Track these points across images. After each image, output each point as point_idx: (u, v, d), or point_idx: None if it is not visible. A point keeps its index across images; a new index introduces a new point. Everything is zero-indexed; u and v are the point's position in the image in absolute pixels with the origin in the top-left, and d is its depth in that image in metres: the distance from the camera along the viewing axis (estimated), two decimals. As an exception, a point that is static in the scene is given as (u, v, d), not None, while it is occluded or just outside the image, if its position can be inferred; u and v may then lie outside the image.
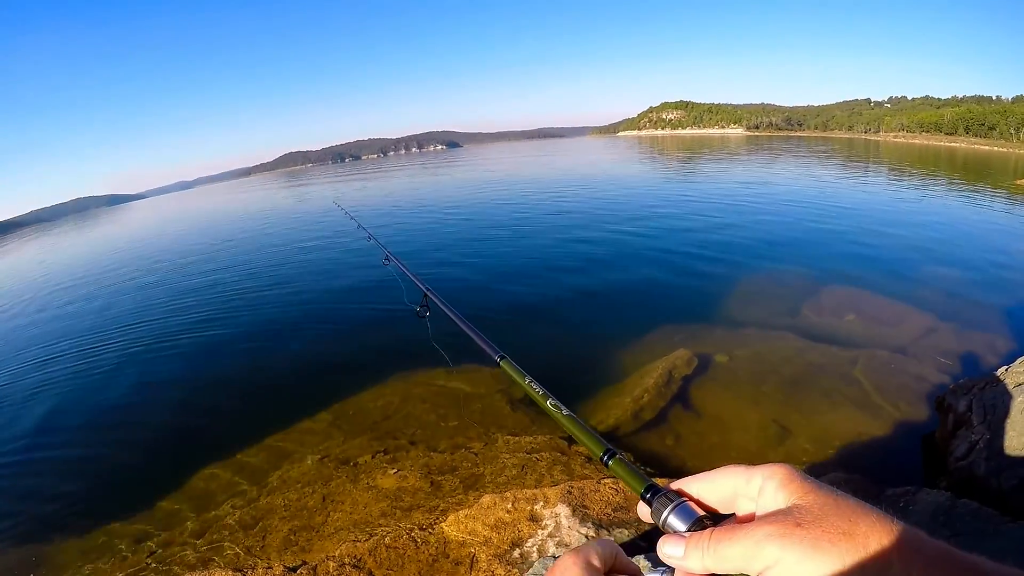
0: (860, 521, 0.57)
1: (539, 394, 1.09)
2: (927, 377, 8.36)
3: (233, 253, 25.85)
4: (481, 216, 27.57)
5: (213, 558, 5.73)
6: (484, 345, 1.39)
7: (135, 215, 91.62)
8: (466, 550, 4.32)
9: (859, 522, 0.57)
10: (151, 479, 7.93)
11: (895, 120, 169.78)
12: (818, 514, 0.58)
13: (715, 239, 18.29)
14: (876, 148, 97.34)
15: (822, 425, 7.40)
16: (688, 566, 0.67)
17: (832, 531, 0.56)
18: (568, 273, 15.70)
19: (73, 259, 37.73)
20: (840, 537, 0.56)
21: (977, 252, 15.78)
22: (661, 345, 10.02)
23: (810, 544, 0.56)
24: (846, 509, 0.58)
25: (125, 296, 20.17)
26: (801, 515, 0.59)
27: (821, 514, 0.58)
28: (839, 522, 0.57)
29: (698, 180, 40.55)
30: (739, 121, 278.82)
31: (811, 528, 0.57)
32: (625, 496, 4.66)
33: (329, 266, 19.77)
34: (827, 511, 0.59)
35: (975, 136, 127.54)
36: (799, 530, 0.58)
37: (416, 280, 2.51)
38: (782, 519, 0.60)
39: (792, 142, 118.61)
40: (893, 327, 10.34)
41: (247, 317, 14.96)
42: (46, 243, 68.43)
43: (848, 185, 34.20)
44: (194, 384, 11.14)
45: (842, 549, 0.55)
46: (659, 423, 7.77)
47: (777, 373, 8.79)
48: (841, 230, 19.26)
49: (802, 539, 0.57)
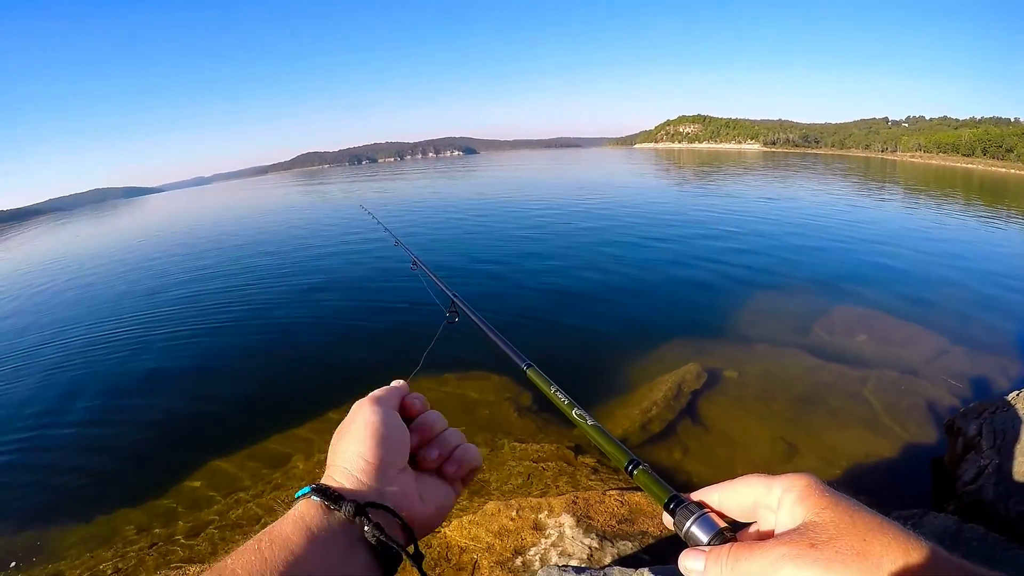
0: (875, 540, 0.57)
1: (565, 403, 1.10)
2: (937, 399, 8.29)
3: (261, 249, 25.91)
4: (498, 222, 27.57)
5: (214, 552, 5.75)
6: (511, 353, 1.39)
7: (159, 207, 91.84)
8: (468, 556, 4.31)
9: (874, 541, 0.57)
10: (158, 468, 7.98)
11: (912, 140, 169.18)
12: (833, 533, 0.59)
13: (730, 253, 18.19)
14: (892, 167, 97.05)
15: (830, 444, 7.36)
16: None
17: (845, 551, 0.57)
18: (577, 281, 15.67)
19: (100, 245, 38.06)
20: (853, 557, 0.56)
21: (992, 275, 15.64)
22: (671, 358, 9.98)
23: (823, 566, 0.56)
24: (862, 527, 0.59)
25: (147, 283, 20.52)
26: (816, 534, 0.60)
27: (836, 533, 0.59)
28: (853, 541, 0.57)
29: (716, 194, 40.43)
30: (756, 137, 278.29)
31: (824, 548, 0.58)
32: (630, 508, 4.65)
33: (351, 269, 19.71)
34: (842, 530, 0.59)
35: (992, 158, 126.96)
36: (813, 551, 0.58)
37: (444, 287, 2.52)
38: (797, 539, 0.61)
39: (808, 159, 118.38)
40: (904, 348, 10.26)
41: (266, 313, 15.03)
42: (73, 230, 68.74)
43: (864, 203, 34.00)
44: (206, 376, 11.20)
45: (854, 570, 0.55)
46: (667, 436, 7.74)
47: (787, 390, 8.75)
48: (855, 248, 19.16)
49: (815, 560, 0.57)
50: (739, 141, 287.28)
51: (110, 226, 68.60)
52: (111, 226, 68.21)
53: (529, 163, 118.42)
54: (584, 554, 4.00)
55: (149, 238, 38.25)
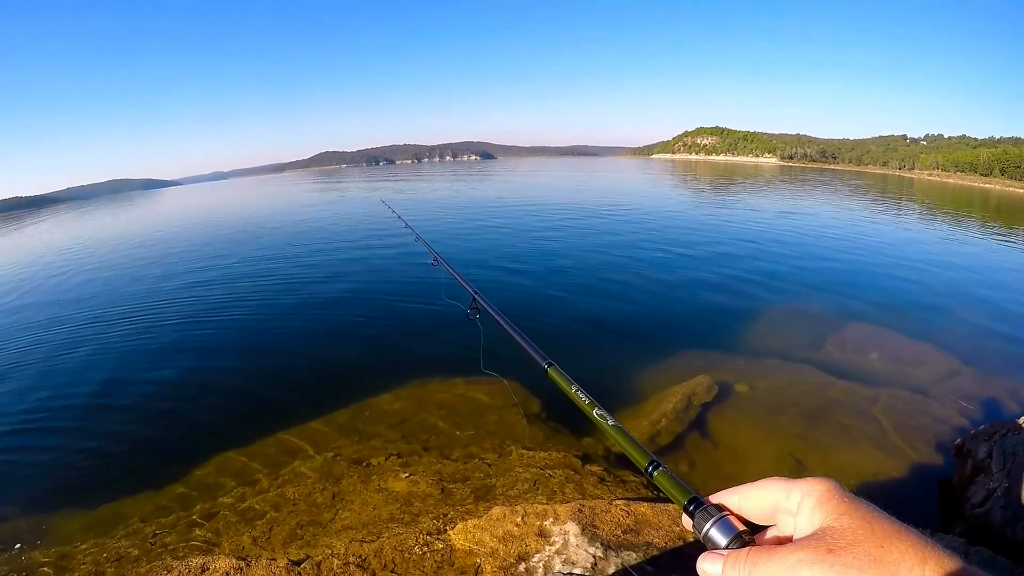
0: (892, 547, 0.58)
1: (586, 403, 1.12)
2: (947, 420, 8.25)
3: (282, 243, 26.12)
4: (515, 227, 27.56)
5: (218, 544, 5.78)
6: (531, 351, 1.40)
7: (187, 200, 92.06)
8: (471, 560, 4.31)
9: (891, 548, 0.58)
10: (165, 457, 8.07)
11: (930, 158, 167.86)
12: (850, 539, 0.60)
13: (746, 266, 18.20)
14: (910, 185, 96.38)
15: (838, 462, 7.32)
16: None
17: (863, 557, 0.58)
18: (590, 288, 15.68)
19: (122, 236, 38.26)
20: (870, 564, 0.57)
21: (1007, 297, 15.52)
22: (682, 369, 9.97)
23: (839, 572, 0.58)
24: (880, 533, 0.60)
25: (180, 273, 20.69)
26: (834, 540, 0.61)
27: (853, 539, 0.60)
28: (871, 548, 0.58)
29: (735, 206, 40.37)
30: (773, 150, 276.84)
31: (842, 555, 0.59)
32: (636, 519, 4.64)
33: (369, 266, 19.84)
34: (860, 536, 0.60)
35: (1010, 179, 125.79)
36: (830, 557, 0.59)
37: (465, 283, 2.53)
38: (815, 544, 0.62)
39: (826, 175, 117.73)
40: (916, 367, 10.21)
41: (284, 306, 15.22)
42: (99, 219, 68.95)
43: (880, 221, 33.80)
44: (219, 368, 11.30)
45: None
46: (675, 448, 7.72)
47: (796, 406, 8.71)
48: (870, 266, 19.09)
49: (832, 566, 0.58)
50: (756, 154, 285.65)
51: (142, 214, 68.96)
52: (144, 213, 68.52)
53: (547, 170, 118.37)
54: (588, 563, 4.00)
55: (183, 228, 38.43)
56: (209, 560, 4.74)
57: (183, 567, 4.67)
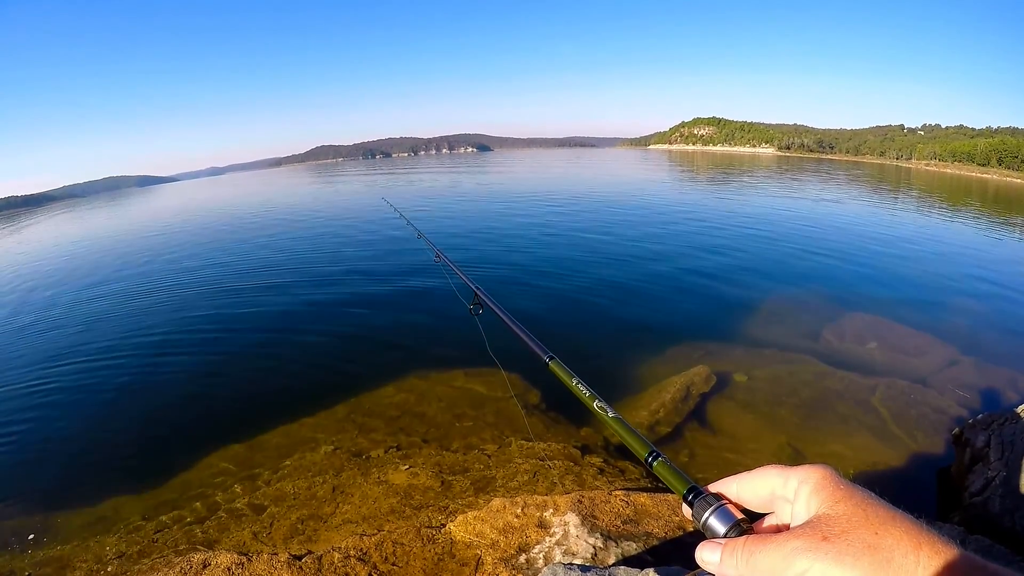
0: (887, 533, 0.58)
1: (586, 395, 1.12)
2: (946, 410, 8.27)
3: (284, 239, 26.19)
4: (515, 220, 27.46)
5: (219, 539, 5.78)
6: (533, 345, 1.40)
7: (189, 195, 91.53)
8: (472, 552, 4.32)
9: (886, 534, 0.58)
10: (165, 453, 8.05)
11: (928, 148, 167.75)
12: (845, 526, 0.60)
13: (744, 256, 18.26)
14: (907, 175, 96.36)
15: (837, 451, 7.34)
16: (724, 572, 0.69)
17: (857, 544, 0.58)
18: (588, 279, 15.65)
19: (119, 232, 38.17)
20: (865, 551, 0.57)
21: (1005, 287, 15.55)
22: (681, 360, 9.98)
23: (834, 559, 0.58)
24: (875, 520, 0.60)
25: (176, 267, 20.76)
26: (829, 527, 0.61)
27: (848, 526, 0.60)
28: (865, 534, 0.59)
29: (733, 197, 40.39)
30: (770, 141, 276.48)
31: (837, 542, 0.59)
32: (635, 509, 4.66)
33: (370, 262, 19.77)
34: (855, 523, 0.60)
35: (1008, 168, 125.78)
36: (825, 544, 0.59)
37: (467, 279, 2.53)
38: (810, 532, 0.62)
39: (824, 164, 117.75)
40: (914, 357, 10.23)
41: (282, 302, 15.16)
42: (97, 217, 68.68)
43: (879, 211, 33.84)
44: (218, 363, 11.26)
45: (865, 563, 0.57)
46: (674, 438, 7.75)
47: (795, 396, 8.73)
48: (868, 256, 19.10)
49: (827, 553, 0.59)
50: (753, 145, 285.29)
51: (142, 213, 68.55)
52: (144, 212, 68.07)
53: (546, 161, 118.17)
54: (588, 553, 4.01)
55: (192, 224, 38.32)
56: (210, 556, 4.75)
57: (185, 563, 4.67)
